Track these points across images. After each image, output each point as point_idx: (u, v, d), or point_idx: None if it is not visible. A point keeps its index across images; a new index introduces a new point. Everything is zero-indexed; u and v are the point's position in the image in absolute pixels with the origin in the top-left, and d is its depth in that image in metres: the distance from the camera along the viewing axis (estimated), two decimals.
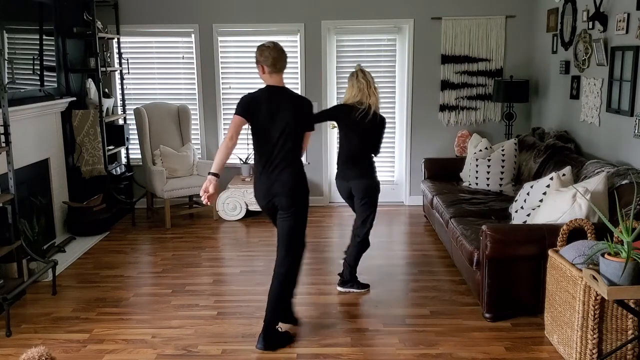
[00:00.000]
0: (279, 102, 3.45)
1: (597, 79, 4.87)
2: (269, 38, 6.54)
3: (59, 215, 5.59)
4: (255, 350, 3.50)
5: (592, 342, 3.13)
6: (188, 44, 6.62)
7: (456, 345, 3.53)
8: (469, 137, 6.29)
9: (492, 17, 6.36)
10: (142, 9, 6.47)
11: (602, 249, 2.89)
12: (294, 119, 3.45)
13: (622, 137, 4.48)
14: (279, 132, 3.43)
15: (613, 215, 3.69)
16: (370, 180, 4.26)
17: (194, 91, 6.71)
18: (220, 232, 5.91)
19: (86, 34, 5.85)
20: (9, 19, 4.86)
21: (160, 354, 3.48)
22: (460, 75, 6.50)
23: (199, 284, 4.54)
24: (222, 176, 3.48)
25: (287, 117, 3.43)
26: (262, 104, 3.43)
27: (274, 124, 3.42)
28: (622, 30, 4.40)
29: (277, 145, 3.44)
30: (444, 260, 4.96)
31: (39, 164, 5.24)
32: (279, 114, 3.42)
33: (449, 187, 5.63)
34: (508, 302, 3.81)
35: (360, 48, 6.59)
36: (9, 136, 4.13)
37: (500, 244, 3.66)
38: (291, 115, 3.44)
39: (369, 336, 3.66)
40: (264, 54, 3.50)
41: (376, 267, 4.84)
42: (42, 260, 4.44)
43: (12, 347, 3.57)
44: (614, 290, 2.76)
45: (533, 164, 5.25)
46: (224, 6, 6.46)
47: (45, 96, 5.35)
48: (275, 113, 3.43)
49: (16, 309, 4.04)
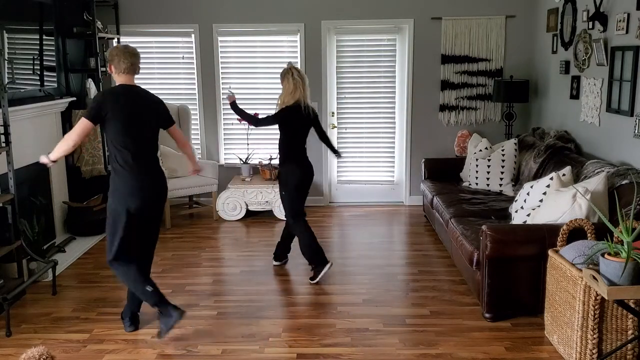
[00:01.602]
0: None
1: (597, 79, 4.87)
2: (269, 38, 6.58)
3: (59, 215, 5.59)
4: (256, 350, 3.50)
5: (592, 342, 3.13)
6: (188, 44, 6.62)
7: (456, 345, 3.53)
8: (469, 137, 6.29)
9: (492, 17, 6.36)
10: (142, 9, 6.48)
11: (602, 249, 2.89)
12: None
13: (622, 137, 4.48)
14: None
15: (613, 215, 3.69)
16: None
17: (194, 91, 6.71)
18: (220, 232, 5.91)
19: (86, 34, 5.85)
20: (9, 19, 4.86)
21: (160, 354, 3.48)
22: (460, 75, 6.50)
23: (199, 284, 4.54)
24: (221, 176, 3.52)
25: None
26: None
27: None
28: (622, 30, 4.40)
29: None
30: (444, 260, 4.96)
31: (39, 163, 5.21)
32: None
33: (449, 187, 5.63)
34: (508, 302, 3.81)
35: (360, 48, 6.59)
36: (9, 136, 4.14)
37: (500, 244, 3.66)
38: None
39: (369, 336, 3.66)
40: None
41: (376, 267, 4.84)
42: (42, 260, 4.44)
43: (12, 347, 3.57)
44: (614, 290, 2.76)
45: (533, 164, 5.25)
46: (224, 6, 6.46)
47: (45, 96, 5.36)
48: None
49: (16, 309, 4.04)
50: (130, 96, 3.56)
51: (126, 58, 3.55)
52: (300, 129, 4.54)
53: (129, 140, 3.49)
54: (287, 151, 4.55)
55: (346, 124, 6.75)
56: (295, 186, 4.52)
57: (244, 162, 6.57)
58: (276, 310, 4.06)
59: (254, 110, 6.27)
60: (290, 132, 4.53)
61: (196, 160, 4.21)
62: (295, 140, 4.55)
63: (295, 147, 4.56)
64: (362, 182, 6.81)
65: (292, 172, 4.52)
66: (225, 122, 6.76)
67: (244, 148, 6.68)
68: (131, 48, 3.62)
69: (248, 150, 6.63)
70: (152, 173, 3.64)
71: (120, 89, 3.59)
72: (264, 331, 3.74)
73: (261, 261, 5.02)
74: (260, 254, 5.21)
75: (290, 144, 4.55)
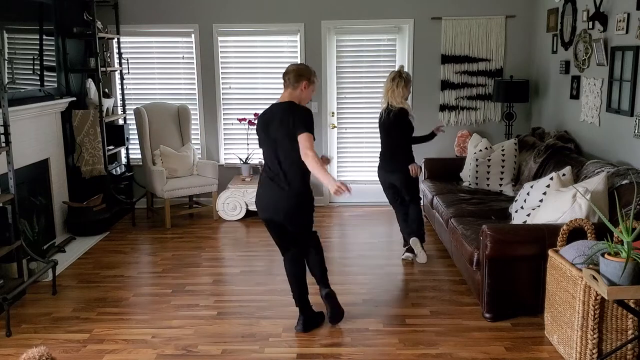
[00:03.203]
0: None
1: (597, 79, 4.87)
2: (269, 38, 6.58)
3: (59, 215, 5.59)
4: (256, 350, 3.50)
5: (592, 342, 3.13)
6: (188, 44, 6.62)
7: (456, 345, 3.53)
8: (469, 137, 6.29)
9: (492, 17, 6.36)
10: (142, 9, 6.47)
11: (602, 249, 2.89)
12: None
13: (622, 137, 4.48)
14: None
15: (613, 215, 3.69)
16: None
17: (194, 91, 6.71)
18: (220, 232, 5.91)
19: (86, 34, 5.85)
20: (9, 19, 4.86)
21: (160, 354, 3.48)
22: (460, 75, 6.50)
23: (199, 284, 4.54)
24: (221, 176, 3.51)
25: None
26: None
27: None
28: (622, 30, 4.40)
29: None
30: (444, 260, 4.96)
31: (39, 164, 5.24)
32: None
33: (449, 187, 5.63)
34: (508, 302, 3.81)
35: (360, 48, 6.59)
36: (9, 136, 4.13)
37: (500, 244, 3.66)
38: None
39: (369, 336, 3.66)
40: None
41: (376, 267, 4.84)
42: (42, 260, 4.44)
43: (12, 347, 3.57)
44: (614, 290, 2.76)
45: (533, 164, 5.25)
46: (224, 6, 6.46)
47: (45, 96, 5.35)
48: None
49: (16, 309, 4.04)
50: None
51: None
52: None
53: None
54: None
55: (346, 124, 6.75)
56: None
57: (244, 162, 6.56)
58: (276, 310, 4.05)
59: (253, 111, 6.30)
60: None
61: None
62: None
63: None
64: (362, 182, 6.81)
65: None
66: (225, 122, 6.76)
67: (244, 148, 6.68)
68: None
69: (248, 150, 6.63)
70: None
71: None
72: (264, 331, 3.74)
73: (261, 261, 5.02)
74: (260, 254, 5.21)
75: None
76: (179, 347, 3.54)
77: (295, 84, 3.60)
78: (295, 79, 3.60)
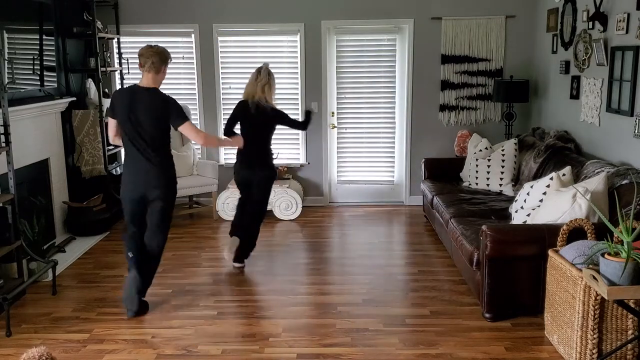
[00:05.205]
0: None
1: (597, 79, 4.87)
2: (269, 38, 6.58)
3: (59, 215, 5.59)
4: (256, 350, 3.50)
5: (592, 342, 3.13)
6: (188, 44, 6.62)
7: (456, 345, 3.53)
8: (469, 137, 6.29)
9: (492, 17, 6.36)
10: (142, 9, 6.47)
11: (602, 249, 2.89)
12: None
13: (622, 137, 4.48)
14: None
15: (613, 215, 3.69)
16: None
17: (194, 91, 6.71)
18: (220, 232, 5.91)
19: (86, 34, 5.85)
20: (9, 19, 4.86)
21: (160, 354, 3.48)
22: (460, 75, 6.50)
23: (199, 284, 4.54)
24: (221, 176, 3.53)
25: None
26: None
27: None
28: (622, 30, 4.40)
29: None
30: (444, 260, 4.96)
31: (39, 164, 5.24)
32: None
33: (449, 187, 5.63)
34: (508, 302, 3.81)
35: (360, 48, 6.59)
36: (9, 136, 4.14)
37: (500, 244, 3.67)
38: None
39: (369, 336, 3.66)
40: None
41: (376, 267, 4.84)
42: (42, 260, 4.44)
43: (12, 347, 3.57)
44: (614, 290, 2.76)
45: (533, 164, 5.25)
46: (224, 6, 6.46)
47: (45, 96, 5.36)
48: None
49: (16, 309, 4.04)
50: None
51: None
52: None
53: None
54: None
55: (346, 124, 6.75)
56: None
57: None
58: (276, 310, 4.06)
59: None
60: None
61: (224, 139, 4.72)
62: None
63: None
64: (362, 182, 6.81)
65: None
66: (225, 122, 6.74)
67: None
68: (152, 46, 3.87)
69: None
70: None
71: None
72: (264, 331, 3.74)
73: (261, 261, 5.02)
74: (260, 254, 5.20)
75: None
76: (179, 347, 3.54)
77: (159, 67, 3.67)
78: (160, 62, 3.68)
